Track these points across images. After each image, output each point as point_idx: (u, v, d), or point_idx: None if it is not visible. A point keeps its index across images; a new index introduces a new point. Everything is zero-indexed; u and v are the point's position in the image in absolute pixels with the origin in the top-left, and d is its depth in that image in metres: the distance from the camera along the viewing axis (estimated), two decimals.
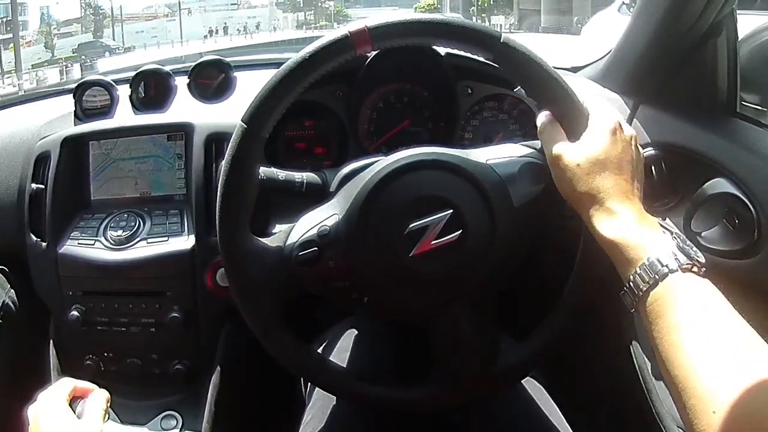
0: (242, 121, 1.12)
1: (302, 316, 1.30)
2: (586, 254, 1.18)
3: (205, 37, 50.64)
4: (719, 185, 1.36)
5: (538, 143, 1.18)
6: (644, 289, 0.94)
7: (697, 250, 0.96)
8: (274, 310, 1.19)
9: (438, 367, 1.22)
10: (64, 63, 34.90)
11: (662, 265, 0.93)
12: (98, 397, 1.25)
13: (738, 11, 1.48)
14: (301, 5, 67.21)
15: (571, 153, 1.07)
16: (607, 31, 8.42)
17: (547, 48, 1.23)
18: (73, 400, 1.23)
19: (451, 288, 1.16)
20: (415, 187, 1.13)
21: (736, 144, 1.41)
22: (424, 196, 1.13)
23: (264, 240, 1.18)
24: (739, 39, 1.52)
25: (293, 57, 1.12)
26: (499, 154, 1.19)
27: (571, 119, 1.10)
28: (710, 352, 0.83)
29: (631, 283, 0.96)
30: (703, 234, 1.37)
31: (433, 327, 1.20)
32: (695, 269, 0.94)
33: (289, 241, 1.16)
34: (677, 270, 0.92)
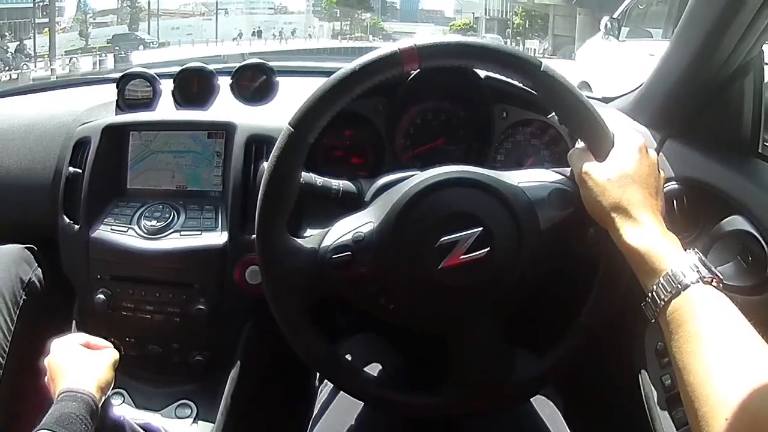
0: (290, 124, 1.17)
1: (325, 319, 1.34)
2: (606, 278, 1.23)
3: (234, 39, 50.63)
4: (736, 222, 1.40)
5: (568, 170, 1.23)
6: (666, 299, 0.98)
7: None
8: (303, 308, 1.23)
9: (455, 376, 1.26)
10: (99, 52, 34.88)
11: (684, 276, 0.97)
12: (110, 351, 1.35)
13: None
14: (338, 15, 67.02)
15: (599, 169, 1.12)
16: (592, 55, 9.57)
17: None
18: None
19: (474, 301, 1.21)
20: (449, 203, 1.18)
21: (755, 184, 1.44)
22: (456, 212, 1.17)
23: (299, 240, 1.22)
24: (765, 81, 1.55)
25: (343, 67, 1.16)
26: (530, 178, 1.23)
27: (600, 144, 1.15)
28: (727, 361, 0.87)
29: (653, 293, 1.00)
30: (717, 268, 1.39)
31: (453, 337, 1.24)
32: (715, 283, 0.98)
33: (323, 244, 1.20)
34: (698, 282, 0.97)
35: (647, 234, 1.06)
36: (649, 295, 1.01)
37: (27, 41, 32.65)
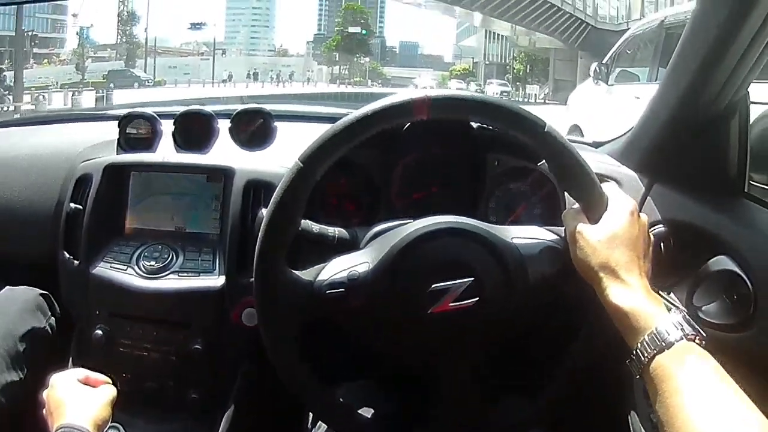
0: (299, 159, 1.20)
1: (319, 359, 1.37)
2: (592, 329, 1.27)
3: (224, 81, 51.04)
4: (722, 262, 1.43)
5: (561, 230, 1.27)
6: (650, 356, 1.02)
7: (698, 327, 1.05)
8: (295, 337, 1.26)
9: (434, 419, 1.29)
10: (71, 89, 34.50)
11: (668, 334, 1.02)
12: (108, 388, 1.38)
13: (758, 80, 1.54)
14: (337, 59, 67.46)
15: (591, 230, 1.17)
16: (583, 99, 9.95)
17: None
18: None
19: (459, 348, 1.25)
20: (444, 251, 1.22)
21: (740, 223, 1.48)
22: (450, 261, 1.21)
23: (296, 272, 1.25)
24: (751, 121, 1.58)
25: (355, 111, 1.21)
26: (524, 234, 1.28)
27: (594, 206, 1.20)
28: (709, 418, 0.91)
29: (638, 351, 1.04)
30: (703, 308, 1.43)
31: (434, 380, 1.28)
32: (698, 340, 1.02)
33: (319, 278, 1.23)
34: (682, 339, 1.01)
35: (632, 294, 1.10)
36: (634, 352, 1.05)
37: (8, 73, 31.95)
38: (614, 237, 1.15)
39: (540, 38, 58.66)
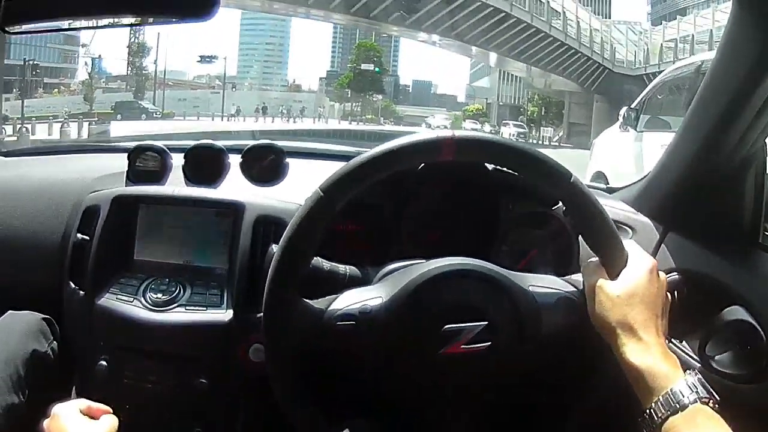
0: (320, 188, 1.19)
1: (324, 396, 1.35)
2: (603, 381, 1.27)
3: (233, 115, 51.28)
4: (735, 313, 1.42)
5: (578, 282, 1.27)
6: (663, 416, 1.02)
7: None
8: (301, 373, 1.25)
9: None
10: (65, 119, 34.76)
11: (683, 396, 1.02)
12: (110, 418, 1.37)
13: None
14: (349, 96, 67.79)
15: (610, 286, 1.17)
16: (609, 145, 9.35)
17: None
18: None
19: (467, 390, 1.25)
20: (459, 293, 1.21)
21: (755, 274, 1.48)
22: (465, 303, 1.20)
23: (307, 301, 1.24)
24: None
25: (380, 146, 1.20)
26: (541, 283, 1.27)
27: (614, 262, 1.20)
28: None
29: (651, 410, 1.04)
30: (716, 358, 1.42)
31: (441, 421, 1.28)
32: (711, 403, 1.03)
33: (331, 307, 1.22)
34: (696, 402, 1.01)
35: (649, 354, 1.10)
36: (647, 412, 1.05)
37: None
38: (633, 294, 1.15)
39: (556, 80, 58.93)
